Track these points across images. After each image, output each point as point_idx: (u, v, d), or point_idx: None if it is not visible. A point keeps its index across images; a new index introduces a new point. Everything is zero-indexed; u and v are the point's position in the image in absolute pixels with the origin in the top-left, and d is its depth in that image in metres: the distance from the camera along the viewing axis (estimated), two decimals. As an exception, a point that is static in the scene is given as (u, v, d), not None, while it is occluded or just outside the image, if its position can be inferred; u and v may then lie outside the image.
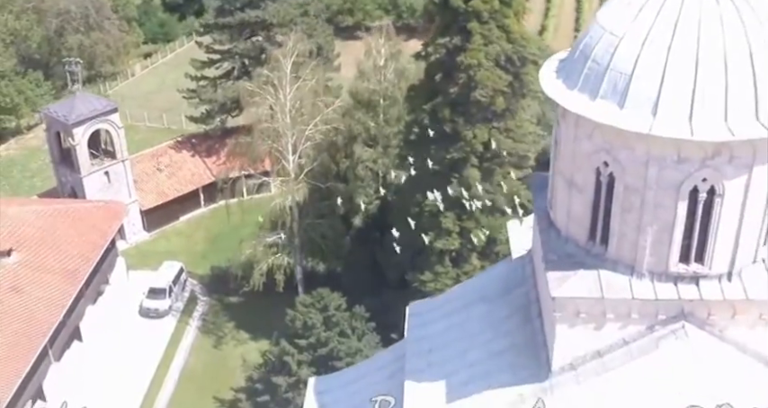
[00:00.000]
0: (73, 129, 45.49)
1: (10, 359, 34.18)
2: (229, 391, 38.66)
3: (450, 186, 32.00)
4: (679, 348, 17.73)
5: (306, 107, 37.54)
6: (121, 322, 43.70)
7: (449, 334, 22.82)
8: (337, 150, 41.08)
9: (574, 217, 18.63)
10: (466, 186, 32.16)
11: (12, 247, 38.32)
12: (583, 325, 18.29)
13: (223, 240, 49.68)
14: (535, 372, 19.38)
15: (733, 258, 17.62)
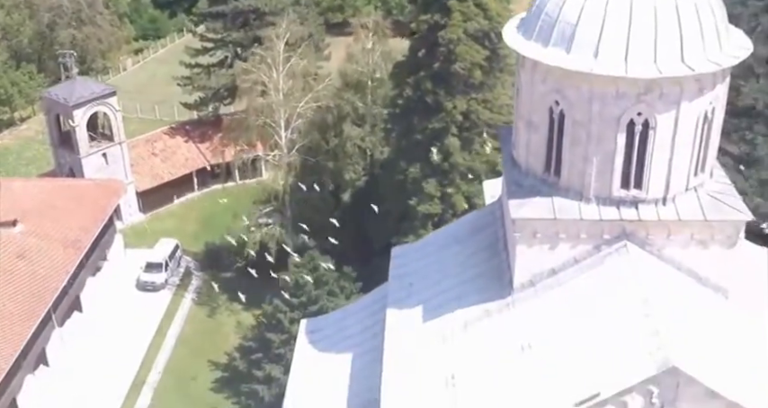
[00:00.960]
0: (73, 111, 47.93)
1: (16, 318, 36.41)
2: (223, 355, 41.02)
3: (431, 154, 34.81)
4: (621, 264, 20.42)
5: (297, 85, 40.17)
6: (120, 294, 46.04)
7: (426, 270, 25.50)
8: (327, 128, 43.61)
9: (532, 152, 21.41)
10: (446, 154, 34.97)
11: (16, 218, 40.68)
12: (539, 245, 20.99)
13: (215, 222, 52.05)
14: (499, 292, 22.07)
15: (667, 185, 20.40)
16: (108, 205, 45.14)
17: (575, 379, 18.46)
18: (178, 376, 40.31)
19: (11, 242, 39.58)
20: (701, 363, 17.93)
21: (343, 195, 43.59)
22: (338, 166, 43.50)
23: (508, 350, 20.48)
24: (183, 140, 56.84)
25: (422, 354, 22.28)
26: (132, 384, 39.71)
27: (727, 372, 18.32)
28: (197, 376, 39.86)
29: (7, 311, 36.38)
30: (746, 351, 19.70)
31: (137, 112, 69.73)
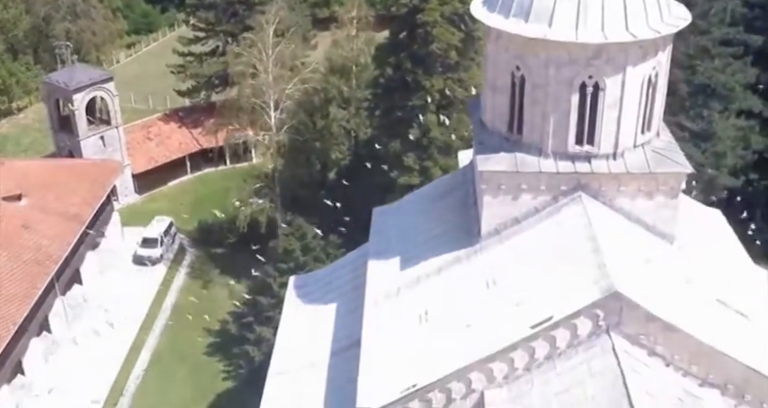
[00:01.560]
0: (73, 95, 50.29)
1: (22, 284, 38.69)
2: (216, 322, 43.45)
3: (411, 130, 37.37)
4: (576, 212, 23.00)
5: (286, 68, 42.62)
6: (118, 268, 48.42)
7: (404, 226, 28.04)
8: (314, 110, 46.09)
9: (497, 114, 24.00)
10: (425, 130, 37.54)
11: (21, 192, 42.98)
12: (503, 196, 23.56)
13: (208, 203, 54.23)
14: (469, 241, 24.61)
15: (616, 141, 23.01)
16: (106, 182, 47.50)
17: (532, 307, 20.99)
18: (174, 341, 42.74)
19: (16, 214, 41.88)
20: (642, 291, 20.48)
21: (329, 173, 46.04)
22: (325, 146, 45.99)
23: (475, 287, 23.05)
24: (176, 126, 59.25)
25: (398, 296, 24.81)
26: (131, 348, 42.10)
27: (666, 300, 20.90)
28: (192, 340, 42.20)
29: (13, 277, 38.62)
30: (685, 285, 22.34)
31: (131, 102, 71.78)
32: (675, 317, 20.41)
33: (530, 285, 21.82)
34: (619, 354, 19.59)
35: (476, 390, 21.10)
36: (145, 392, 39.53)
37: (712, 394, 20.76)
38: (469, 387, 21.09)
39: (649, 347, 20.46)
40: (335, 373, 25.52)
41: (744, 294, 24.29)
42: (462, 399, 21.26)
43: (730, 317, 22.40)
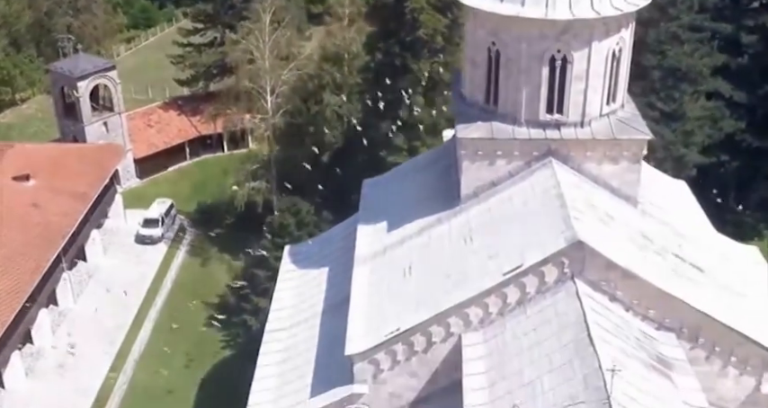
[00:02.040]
0: (78, 83, 52.37)
1: (32, 257, 40.72)
2: (215, 296, 45.58)
3: (400, 111, 39.61)
4: (547, 176, 25.25)
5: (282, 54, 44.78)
6: (120, 246, 50.54)
7: (391, 194, 30.34)
8: (309, 96, 48.10)
9: (476, 86, 26.25)
10: (412, 111, 39.76)
11: (29, 173, 45.06)
12: (480, 161, 25.82)
13: (206, 187, 56.75)
14: (449, 204, 26.85)
15: (584, 110, 25.27)
16: (110, 164, 49.62)
17: (504, 258, 23.19)
18: (175, 313, 44.83)
19: (25, 193, 43.96)
20: (604, 242, 22.70)
21: (323, 156, 48.11)
22: (318, 130, 47.96)
23: (454, 243, 25.25)
24: (175, 114, 61.36)
25: (384, 255, 27.00)
26: (134, 319, 44.16)
27: (625, 251, 23.09)
28: (192, 313, 44.31)
29: (24, 252, 40.66)
30: (644, 240, 24.54)
31: (131, 93, 73.63)
32: (634, 266, 22.64)
33: (503, 240, 24.03)
34: (582, 298, 21.79)
35: (454, 333, 23.31)
36: (147, 359, 41.60)
37: (668, 337, 23.01)
38: (448, 331, 23.30)
39: (610, 293, 22.70)
40: (327, 327, 27.65)
41: (701, 251, 26.57)
42: (442, 342, 23.46)
43: (686, 270, 24.64)
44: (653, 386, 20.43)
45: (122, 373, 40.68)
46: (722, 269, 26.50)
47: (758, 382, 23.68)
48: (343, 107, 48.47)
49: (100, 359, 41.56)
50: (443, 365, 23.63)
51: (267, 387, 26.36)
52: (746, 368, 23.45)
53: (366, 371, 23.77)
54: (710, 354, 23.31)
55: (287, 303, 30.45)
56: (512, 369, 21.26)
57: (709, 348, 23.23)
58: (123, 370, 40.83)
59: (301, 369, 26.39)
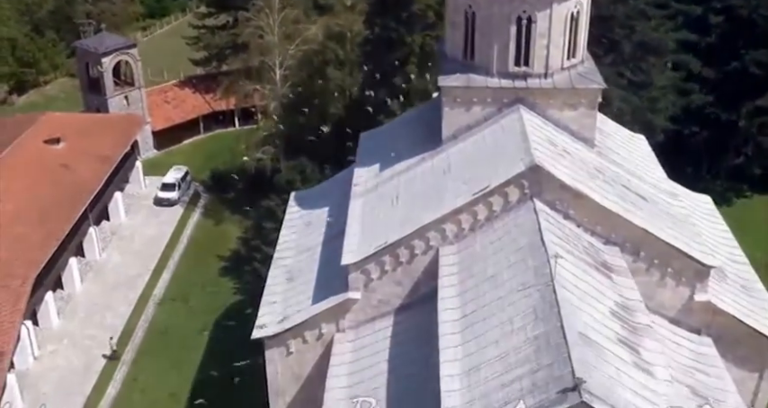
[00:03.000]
0: (102, 58, 57.00)
1: (63, 210, 45.21)
2: (228, 250, 50.03)
3: (395, 79, 44.05)
4: (514, 119, 29.55)
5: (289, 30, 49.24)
6: (140, 208, 55.09)
7: (384, 143, 34.64)
8: (313, 71, 52.58)
9: (455, 44, 30.60)
10: (406, 79, 44.18)
11: (60, 137, 49.61)
12: (459, 107, 30.16)
13: (219, 157, 61.18)
14: (433, 146, 31.16)
15: (547, 64, 29.57)
16: (131, 132, 54.24)
17: (476, 183, 27.51)
18: (191, 265, 49.32)
19: (56, 154, 48.54)
20: (559, 168, 27.00)
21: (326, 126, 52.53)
22: (322, 103, 52.43)
23: (435, 176, 29.60)
24: (190, 91, 65.97)
25: (376, 190, 31.36)
26: (153, 271, 48.63)
27: (578, 177, 27.37)
28: (206, 265, 48.77)
29: (56, 204, 45.17)
30: (596, 172, 28.83)
31: (148, 75, 78.05)
32: (584, 188, 26.96)
33: (475, 170, 28.36)
34: (538, 213, 26.10)
35: (433, 246, 27.59)
36: (166, 306, 46.04)
37: (613, 250, 27.28)
38: (428, 244, 27.60)
39: (563, 211, 26.98)
40: (327, 253, 31.86)
41: (648, 186, 30.87)
42: (423, 254, 27.74)
43: (632, 197, 28.93)
44: (593, 280, 24.75)
45: (143, 314, 45.18)
46: (666, 201, 30.78)
47: (692, 291, 27.85)
48: (345, 81, 52.87)
49: (123, 302, 46.06)
50: (424, 275, 27.88)
51: (274, 300, 30.71)
52: (682, 278, 27.60)
53: (359, 280, 28.12)
54: (650, 266, 27.50)
55: (292, 237, 34.79)
56: (478, 268, 25.61)
57: (649, 261, 27.42)
58: (144, 312, 45.34)
59: (304, 286, 30.68)
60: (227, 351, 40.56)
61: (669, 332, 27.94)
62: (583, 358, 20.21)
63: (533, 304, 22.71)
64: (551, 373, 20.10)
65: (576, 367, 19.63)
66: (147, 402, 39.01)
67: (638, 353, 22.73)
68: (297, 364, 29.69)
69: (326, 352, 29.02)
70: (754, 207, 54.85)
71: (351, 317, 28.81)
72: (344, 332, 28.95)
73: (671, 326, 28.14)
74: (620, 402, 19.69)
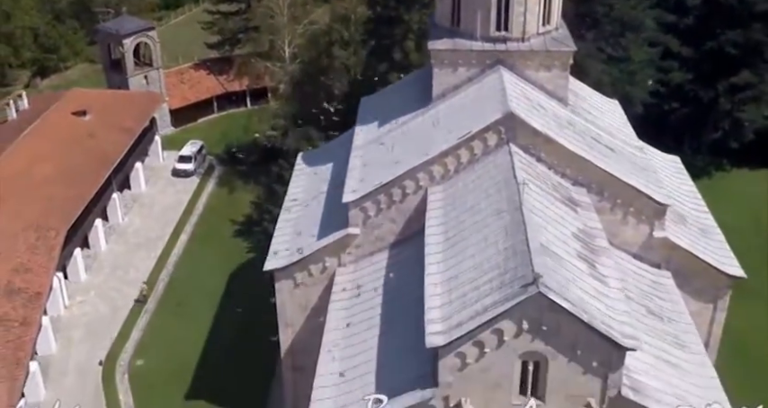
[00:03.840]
0: (123, 40, 61.14)
1: (90, 174, 49.28)
2: (241, 216, 54.03)
3: (394, 54, 48.03)
4: (495, 78, 33.42)
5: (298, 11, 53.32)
6: (159, 179, 59.20)
7: (383, 105, 38.60)
8: (320, 51, 56.60)
9: (444, 13, 34.54)
10: (405, 55, 48.11)
11: (86, 109, 53.73)
12: (446, 68, 34.06)
13: (232, 134, 65.20)
14: (424, 104, 35.04)
15: (524, 29, 33.42)
16: (151, 107, 58.40)
17: (459, 131, 31.38)
18: (206, 228, 53.40)
19: (83, 125, 52.68)
20: (532, 116, 30.85)
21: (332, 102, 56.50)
22: (328, 80, 56.41)
23: (425, 128, 33.50)
24: (205, 73, 70.10)
25: (374, 142, 35.28)
26: (172, 233, 52.69)
27: (549, 126, 31.21)
28: (221, 227, 52.80)
29: (83, 169, 49.24)
30: (567, 124, 32.68)
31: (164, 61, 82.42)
32: (555, 135, 30.81)
33: (460, 121, 32.26)
34: (513, 155, 30.00)
35: (422, 186, 31.54)
36: (183, 262, 50.09)
37: (581, 191, 31.11)
38: (418, 184, 31.54)
39: (536, 155, 30.88)
40: (331, 198, 35.80)
41: (617, 141, 34.70)
42: (413, 194, 31.67)
43: (600, 147, 32.77)
44: (559, 209, 28.63)
45: (163, 270, 49.22)
46: (632, 153, 34.60)
47: (651, 229, 31.73)
48: (349, 59, 56.87)
49: (144, 260, 50.11)
50: (415, 213, 31.76)
51: (284, 241, 34.67)
52: (642, 217, 31.50)
53: (358, 217, 32.07)
54: (614, 206, 31.37)
55: (300, 187, 38.78)
56: (460, 202, 29.53)
57: (613, 201, 31.27)
58: (164, 268, 49.39)
59: (309, 226, 34.64)
60: (241, 298, 44.82)
61: (631, 265, 31.88)
62: (543, 263, 24.08)
63: (505, 225, 26.62)
64: (516, 274, 24.00)
65: (536, 268, 23.51)
66: (167, 343, 43.00)
67: (594, 267, 26.61)
68: (303, 295, 33.69)
69: (330, 285, 32.98)
70: (732, 179, 58.53)
71: (351, 252, 32.79)
72: (345, 265, 32.95)
73: (634, 261, 32.09)
74: (574, 298, 23.58)
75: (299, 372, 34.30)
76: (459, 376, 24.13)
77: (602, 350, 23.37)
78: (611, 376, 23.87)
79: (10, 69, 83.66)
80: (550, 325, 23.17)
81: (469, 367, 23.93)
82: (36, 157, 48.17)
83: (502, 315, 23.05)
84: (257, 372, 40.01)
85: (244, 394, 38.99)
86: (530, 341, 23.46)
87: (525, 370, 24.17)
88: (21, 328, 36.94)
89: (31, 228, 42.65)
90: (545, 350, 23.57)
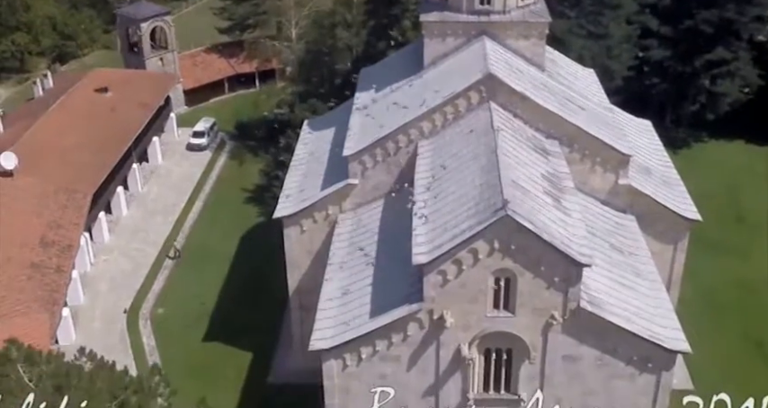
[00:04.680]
0: (140, 24, 65.43)
1: (113, 144, 53.57)
2: (251, 185, 58.22)
3: (391, 32, 52.22)
4: (479, 47, 37.49)
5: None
6: (174, 153, 63.47)
7: (380, 73, 42.72)
8: (324, 32, 60.75)
9: (434, -10, 38.59)
10: (402, 33, 52.24)
11: (107, 86, 58.04)
12: (436, 38, 38.17)
13: (242, 113, 69.40)
14: (416, 72, 39.11)
15: (505, 3, 37.45)
16: (167, 86, 62.69)
17: (446, 91, 35.46)
18: (219, 196, 57.64)
19: (105, 101, 57.01)
20: (509, 77, 34.91)
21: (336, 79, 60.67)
22: (332, 59, 60.58)
23: (417, 91, 37.59)
24: (216, 56, 74.33)
25: (372, 105, 39.40)
26: (187, 200, 56.97)
27: (525, 85, 35.26)
28: (233, 195, 57.04)
29: (107, 140, 53.53)
30: (543, 85, 36.74)
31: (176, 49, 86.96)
32: (530, 94, 34.88)
33: (447, 83, 36.33)
34: (492, 111, 34.16)
35: (413, 141, 35.67)
36: (198, 226, 54.33)
37: (554, 144, 35.18)
38: (409, 139, 35.68)
39: (513, 111, 35.00)
40: (333, 155, 39.90)
41: (589, 102, 38.75)
42: (405, 147, 35.82)
43: (572, 107, 36.84)
44: (531, 156, 32.75)
45: (180, 232, 53.51)
46: (602, 113, 38.64)
47: (616, 177, 35.83)
48: (352, 40, 61.02)
49: (162, 224, 54.38)
50: (407, 165, 35.86)
51: (291, 193, 38.84)
52: (608, 166, 35.61)
53: (356, 168, 36.22)
54: (583, 157, 35.47)
55: (305, 151, 42.92)
56: (446, 150, 33.69)
57: (582, 152, 35.38)
58: (181, 230, 53.69)
59: (314, 180, 38.80)
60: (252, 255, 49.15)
61: (599, 209, 35.98)
62: (512, 194, 28.25)
63: (481, 165, 30.78)
64: (489, 203, 28.17)
65: (506, 197, 27.62)
66: (185, 294, 47.24)
67: (558, 202, 30.76)
68: (308, 241, 37.91)
69: (332, 232, 37.20)
70: (709, 149, 62.55)
71: (350, 201, 36.97)
72: (346, 212, 37.12)
73: (601, 205, 36.23)
74: (538, 222, 27.72)
75: (306, 311, 38.42)
76: (441, 292, 28.33)
77: (562, 267, 27.55)
78: (570, 291, 28.06)
79: (29, 56, 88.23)
80: (518, 245, 27.34)
81: (450, 283, 28.15)
82: (63, 129, 52.49)
83: (476, 236, 27.24)
84: (268, 316, 44.24)
85: (256, 335, 43.18)
86: (500, 259, 27.64)
87: (498, 287, 28.36)
88: (56, 274, 41.23)
89: (61, 190, 46.93)
90: (514, 267, 27.74)
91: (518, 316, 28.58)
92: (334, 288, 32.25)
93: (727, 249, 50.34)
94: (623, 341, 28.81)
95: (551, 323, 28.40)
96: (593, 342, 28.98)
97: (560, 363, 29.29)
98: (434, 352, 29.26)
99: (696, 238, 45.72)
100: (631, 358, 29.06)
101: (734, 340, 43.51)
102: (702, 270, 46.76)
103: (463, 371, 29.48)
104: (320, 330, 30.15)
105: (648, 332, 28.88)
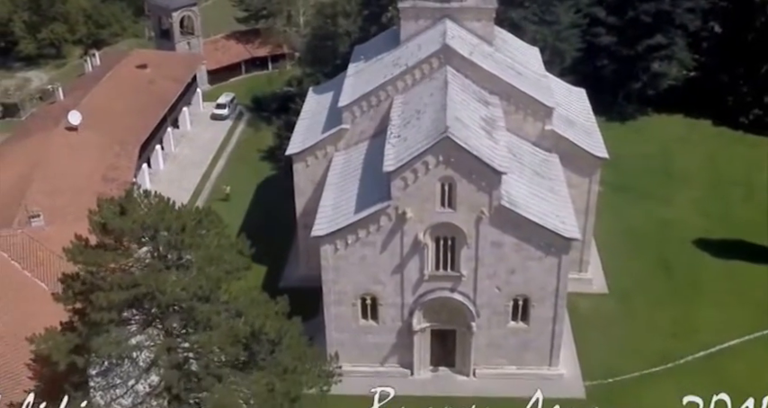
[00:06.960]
0: (172, 13, 77.43)
1: (153, 109, 65.45)
2: (266, 146, 69.91)
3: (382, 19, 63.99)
4: (442, 27, 48.94)
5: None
6: (200, 122, 75.40)
7: (369, 49, 54.43)
8: (327, 20, 72.51)
9: (408, -19, 50.26)
10: (389, 20, 63.91)
11: (146, 64, 69.95)
12: (410, 21, 49.72)
13: (257, 90, 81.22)
14: (395, 47, 50.69)
15: (463, -8, 49.10)
16: (195, 64, 74.77)
17: (414, 58, 47.03)
18: (239, 154, 69.60)
19: (144, 75, 68.98)
20: (462, 49, 46.46)
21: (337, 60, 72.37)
22: (334, 43, 72.32)
23: (390, 63, 49.16)
24: (234, 42, 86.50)
25: (362, 72, 51.06)
26: (213, 157, 68.93)
27: (476, 56, 46.77)
28: (251, 154, 68.88)
29: (149, 105, 65.44)
30: (490, 56, 48.32)
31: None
32: (478, 61, 46.44)
33: (416, 53, 47.88)
34: (448, 73, 45.67)
35: (390, 96, 47.24)
36: (223, 177, 66.24)
37: (495, 98, 46.73)
38: (387, 95, 47.27)
39: (464, 73, 46.48)
40: (331, 111, 51.54)
41: (528, 70, 50.33)
42: (384, 101, 47.39)
43: (510, 72, 48.39)
44: (474, 104, 44.35)
45: (207, 181, 65.36)
46: (536, 78, 50.17)
47: (543, 124, 47.34)
48: (350, 27, 72.82)
49: (193, 176, 66.27)
50: (386, 114, 47.42)
51: (298, 138, 50.56)
52: (537, 116, 47.14)
53: (348, 116, 47.92)
54: (517, 108, 46.95)
55: (309, 109, 54.63)
56: (414, 101, 45.31)
57: (516, 105, 46.89)
58: (208, 180, 65.53)
59: (316, 127, 50.53)
60: (267, 197, 61.06)
61: (530, 148, 47.56)
62: (454, 125, 39.82)
63: (436, 109, 42.37)
64: (437, 130, 39.77)
65: (448, 125, 39.21)
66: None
67: (490, 135, 42.36)
68: (311, 173, 49.60)
69: (329, 166, 48.81)
70: (653, 121, 74.12)
71: (343, 142, 48.60)
72: (339, 151, 48.78)
73: (532, 146, 47.76)
74: (471, 144, 39.32)
75: (309, 229, 50.12)
76: (404, 193, 39.96)
77: (487, 174, 39.13)
78: (494, 193, 39.63)
79: (66, 44, 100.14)
80: (456, 158, 38.94)
81: (409, 186, 39.77)
82: (113, 97, 64.36)
83: (426, 152, 38.90)
84: (280, 239, 55.95)
85: (270, 252, 54.76)
86: (444, 169, 39.22)
87: (444, 190, 39.90)
88: (115, 203, 52.95)
89: (115, 142, 58.78)
90: (454, 175, 39.32)
91: (458, 212, 40.12)
92: (329, 197, 44.03)
93: (655, 197, 61.86)
94: (534, 231, 40.35)
95: (481, 217, 39.93)
96: (512, 232, 40.49)
97: (489, 248, 40.85)
98: (399, 239, 40.88)
99: (628, 188, 58.18)
100: (539, 244, 40.59)
101: (647, 261, 54.91)
102: (629, 211, 58.54)
103: (420, 254, 41.10)
104: (319, 223, 41.95)
105: (552, 224, 40.46)
